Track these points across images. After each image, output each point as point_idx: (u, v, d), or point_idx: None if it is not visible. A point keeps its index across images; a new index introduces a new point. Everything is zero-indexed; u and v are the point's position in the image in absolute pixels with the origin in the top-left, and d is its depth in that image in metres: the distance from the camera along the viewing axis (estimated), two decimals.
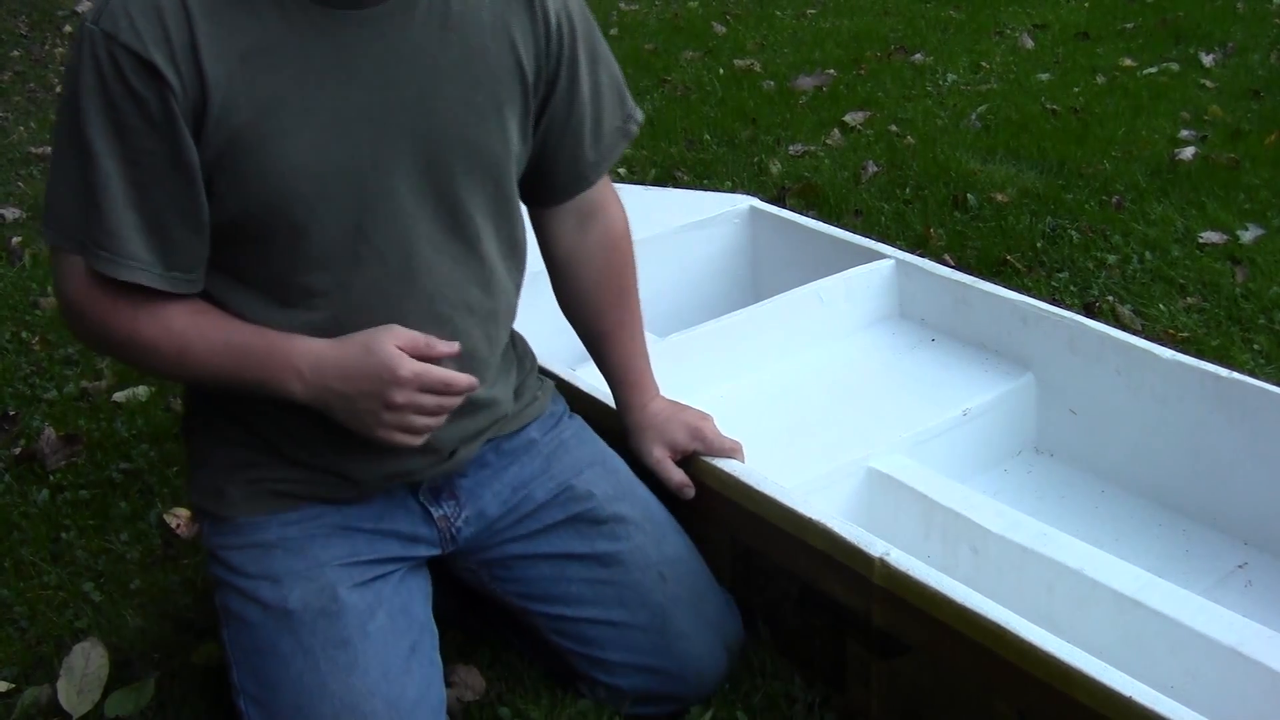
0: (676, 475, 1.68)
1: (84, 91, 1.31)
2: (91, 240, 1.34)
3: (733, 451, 1.68)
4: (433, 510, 1.57)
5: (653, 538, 1.63)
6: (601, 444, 1.70)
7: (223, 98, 1.31)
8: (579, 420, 1.73)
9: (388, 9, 1.37)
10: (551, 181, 1.61)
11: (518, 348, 1.68)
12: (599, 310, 1.71)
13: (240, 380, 1.40)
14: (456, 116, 1.42)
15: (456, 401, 1.41)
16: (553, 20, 1.48)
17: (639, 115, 1.66)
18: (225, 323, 1.41)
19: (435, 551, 1.59)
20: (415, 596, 1.54)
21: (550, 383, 1.75)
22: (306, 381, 1.38)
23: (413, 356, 1.38)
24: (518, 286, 1.61)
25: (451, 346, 1.41)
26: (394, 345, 1.37)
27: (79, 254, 1.36)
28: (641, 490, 1.68)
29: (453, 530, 1.58)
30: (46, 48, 5.74)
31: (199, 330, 1.40)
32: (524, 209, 1.62)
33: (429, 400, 1.39)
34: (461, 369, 1.45)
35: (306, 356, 1.39)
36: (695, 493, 1.68)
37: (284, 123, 1.34)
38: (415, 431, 1.41)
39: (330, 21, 1.35)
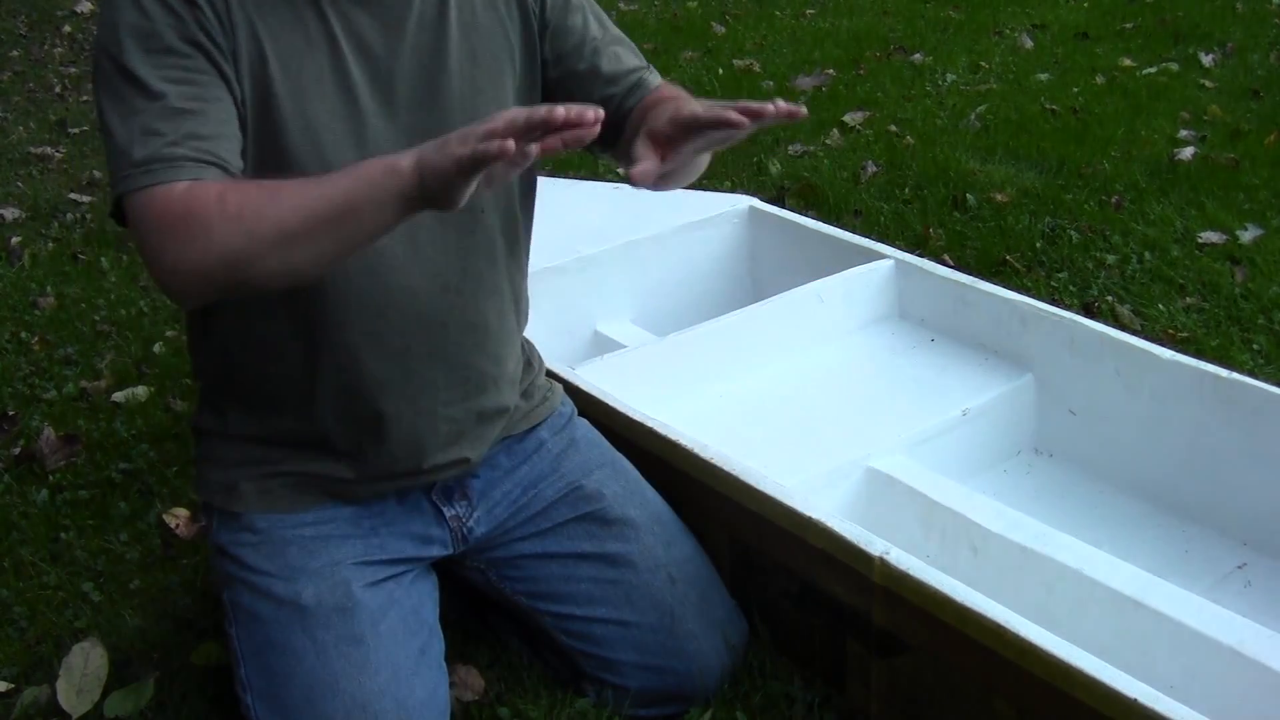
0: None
1: (122, 26, 1.27)
2: (163, 156, 1.24)
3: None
4: (445, 510, 1.58)
5: (662, 539, 1.64)
6: (609, 446, 1.71)
7: (246, 46, 1.32)
8: (587, 423, 1.73)
9: None
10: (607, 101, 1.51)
11: (525, 349, 1.69)
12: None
13: (346, 203, 1.21)
14: (455, 89, 1.45)
15: (556, 141, 1.12)
16: None
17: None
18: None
19: (447, 552, 1.59)
20: (425, 601, 1.55)
21: (559, 385, 1.75)
22: (407, 161, 1.19)
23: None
24: (523, 268, 1.61)
25: (599, 112, 1.14)
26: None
27: (154, 183, 1.24)
28: (650, 493, 1.69)
29: (464, 530, 1.59)
30: (46, 48, 5.73)
31: (285, 182, 1.27)
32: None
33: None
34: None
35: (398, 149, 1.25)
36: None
37: (299, 82, 1.36)
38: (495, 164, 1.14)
39: None
